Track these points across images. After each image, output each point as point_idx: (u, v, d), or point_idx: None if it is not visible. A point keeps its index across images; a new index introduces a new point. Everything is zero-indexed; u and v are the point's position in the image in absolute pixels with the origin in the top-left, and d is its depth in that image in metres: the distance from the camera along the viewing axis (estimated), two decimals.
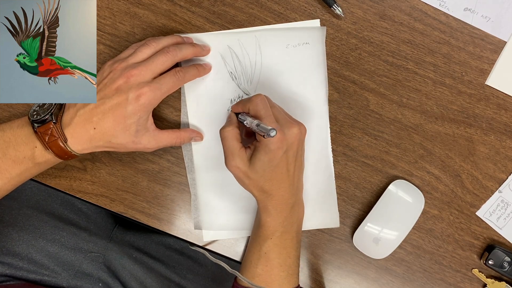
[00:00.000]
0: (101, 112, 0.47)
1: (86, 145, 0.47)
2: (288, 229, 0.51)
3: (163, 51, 0.49)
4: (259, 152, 0.47)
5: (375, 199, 0.57)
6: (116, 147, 0.49)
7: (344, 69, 0.56)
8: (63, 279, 0.64)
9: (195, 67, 0.53)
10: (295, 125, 0.48)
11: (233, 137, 0.49)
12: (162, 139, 0.51)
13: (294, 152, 0.49)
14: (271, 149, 0.46)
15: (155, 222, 0.57)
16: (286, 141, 0.47)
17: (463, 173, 0.57)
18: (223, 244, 0.58)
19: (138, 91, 0.47)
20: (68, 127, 0.47)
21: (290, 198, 0.50)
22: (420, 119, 0.57)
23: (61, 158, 0.48)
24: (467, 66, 0.57)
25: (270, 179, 0.48)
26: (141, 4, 0.55)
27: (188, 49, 0.51)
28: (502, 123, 0.57)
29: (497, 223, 0.57)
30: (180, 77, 0.50)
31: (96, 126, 0.47)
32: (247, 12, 0.55)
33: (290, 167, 0.49)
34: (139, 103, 0.47)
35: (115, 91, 0.47)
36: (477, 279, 0.58)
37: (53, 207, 0.66)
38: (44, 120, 0.46)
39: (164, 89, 0.48)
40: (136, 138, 0.48)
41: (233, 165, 0.48)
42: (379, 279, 0.58)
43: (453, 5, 0.56)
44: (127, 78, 0.47)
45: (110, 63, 0.49)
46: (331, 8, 0.55)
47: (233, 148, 0.48)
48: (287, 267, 0.52)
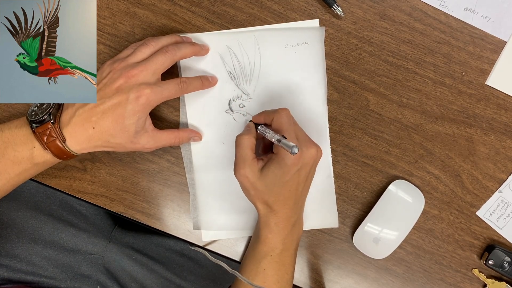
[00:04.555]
0: (101, 111, 0.47)
1: (84, 145, 0.47)
2: (288, 246, 0.51)
3: (162, 51, 0.49)
4: (273, 165, 0.47)
5: (375, 199, 0.57)
6: (115, 146, 0.49)
7: (344, 69, 0.56)
8: (61, 281, 0.64)
9: (200, 79, 0.53)
10: (314, 146, 0.48)
11: (249, 146, 0.48)
12: (161, 139, 0.51)
13: (306, 172, 0.48)
14: (286, 164, 0.46)
15: (155, 222, 0.57)
16: (302, 159, 0.47)
17: (463, 173, 0.57)
18: (223, 244, 0.58)
19: (139, 92, 0.47)
20: (67, 126, 0.47)
21: (292, 216, 0.50)
22: (420, 119, 0.57)
23: (60, 158, 0.48)
24: (467, 66, 0.57)
25: (277, 194, 0.48)
26: (141, 4, 0.55)
27: (187, 48, 0.51)
28: (502, 123, 0.57)
29: (497, 223, 0.57)
30: (183, 88, 0.50)
31: (95, 125, 0.47)
32: (247, 12, 0.55)
33: (299, 186, 0.49)
34: (138, 103, 0.47)
35: (115, 91, 0.47)
36: (477, 279, 0.58)
37: (52, 209, 0.66)
38: (42, 121, 0.46)
39: (165, 94, 0.48)
40: (135, 139, 0.48)
41: (242, 174, 0.48)
42: (379, 279, 0.58)
43: (453, 5, 0.56)
44: (127, 78, 0.47)
45: (110, 63, 0.49)
46: (331, 8, 0.55)
47: (246, 156, 0.48)
48: (284, 283, 0.51)
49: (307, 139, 0.49)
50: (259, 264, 0.50)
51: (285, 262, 0.51)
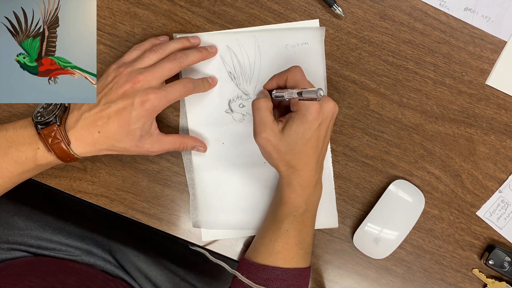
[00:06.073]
0: (106, 116, 0.47)
1: (89, 148, 0.47)
2: (310, 207, 0.51)
3: (170, 58, 0.49)
4: (295, 123, 0.47)
5: (375, 199, 0.57)
6: (119, 150, 0.49)
7: (344, 69, 0.56)
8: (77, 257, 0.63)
9: (207, 80, 0.54)
10: (331, 100, 0.48)
11: (267, 108, 0.48)
12: (166, 144, 0.51)
13: (326, 127, 0.48)
14: (308, 120, 0.46)
15: (155, 222, 0.57)
16: (322, 113, 0.47)
17: (463, 173, 0.57)
18: (223, 244, 0.58)
19: (144, 97, 0.47)
20: (72, 129, 0.47)
21: (315, 175, 0.50)
22: (420, 119, 0.57)
23: (63, 161, 0.48)
24: (467, 66, 0.57)
25: (299, 153, 0.47)
26: (141, 4, 0.55)
27: (195, 55, 0.52)
28: (502, 123, 0.57)
29: (498, 223, 0.57)
30: (189, 89, 0.50)
31: (101, 130, 0.47)
32: (247, 12, 0.55)
33: (319, 143, 0.48)
34: (144, 108, 0.47)
35: (120, 96, 0.47)
36: (478, 279, 0.58)
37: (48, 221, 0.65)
38: (48, 122, 0.46)
39: (170, 97, 0.49)
40: (140, 143, 0.49)
41: (263, 137, 0.47)
42: (379, 279, 0.58)
43: (453, 5, 0.56)
44: (133, 84, 0.47)
45: (115, 67, 0.49)
46: (331, 8, 0.55)
47: (266, 119, 0.47)
48: (305, 245, 0.51)
49: None
50: (282, 225, 0.50)
51: (307, 223, 0.51)
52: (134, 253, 0.66)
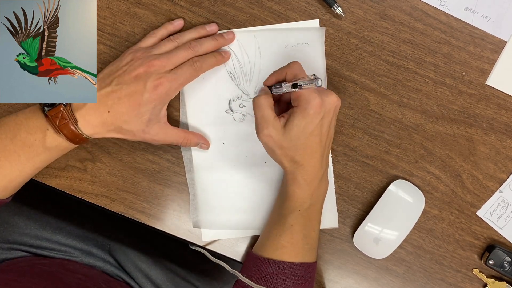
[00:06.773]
0: (117, 97, 0.47)
1: (98, 129, 0.48)
2: (315, 201, 0.51)
3: (186, 46, 0.50)
4: (296, 118, 0.47)
5: (376, 199, 0.57)
6: (126, 133, 0.49)
7: (345, 69, 0.56)
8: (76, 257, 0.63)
9: (214, 56, 0.53)
10: (333, 93, 0.48)
11: (268, 105, 0.48)
12: (171, 135, 0.51)
13: (329, 120, 0.48)
14: (309, 114, 0.46)
15: (155, 222, 0.57)
16: (324, 107, 0.47)
17: (463, 173, 0.57)
18: (223, 244, 0.58)
19: (157, 81, 0.47)
20: (81, 109, 0.47)
21: (320, 170, 0.49)
22: (420, 119, 0.57)
23: (73, 142, 0.48)
24: (468, 66, 0.57)
25: (303, 148, 0.47)
26: (141, 4, 0.55)
27: (210, 43, 0.52)
28: (503, 123, 0.57)
29: (498, 223, 0.57)
30: (197, 67, 0.50)
31: (111, 109, 0.47)
32: (247, 12, 0.55)
33: (323, 137, 0.48)
34: (156, 92, 0.47)
35: (133, 78, 0.47)
36: (478, 279, 0.58)
37: None
38: (54, 104, 0.47)
39: (181, 80, 0.49)
40: (147, 127, 0.49)
41: (266, 134, 0.47)
42: (379, 279, 0.58)
43: (454, 5, 0.56)
44: (147, 68, 0.48)
45: (132, 51, 0.50)
46: (331, 8, 0.55)
47: (268, 116, 0.47)
48: (311, 240, 0.51)
49: (324, 89, 0.49)
50: (287, 220, 0.50)
51: (312, 217, 0.51)
52: (134, 253, 0.66)
